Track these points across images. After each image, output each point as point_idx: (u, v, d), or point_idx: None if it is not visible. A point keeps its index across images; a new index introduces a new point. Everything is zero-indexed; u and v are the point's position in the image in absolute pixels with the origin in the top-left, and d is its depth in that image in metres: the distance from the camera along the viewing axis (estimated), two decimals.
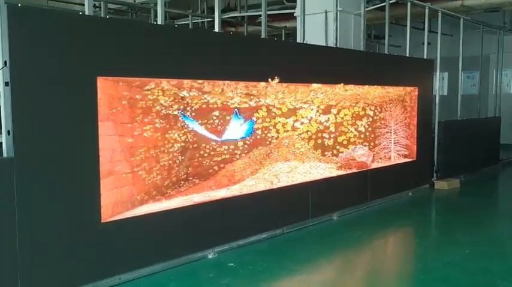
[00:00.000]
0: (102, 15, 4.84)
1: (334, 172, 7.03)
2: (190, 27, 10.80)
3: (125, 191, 4.57)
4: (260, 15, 11.10)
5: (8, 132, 3.85)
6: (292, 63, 6.21)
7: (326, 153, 6.90)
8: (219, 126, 5.40)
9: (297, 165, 6.43)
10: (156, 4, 12.70)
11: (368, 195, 7.71)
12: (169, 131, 4.94)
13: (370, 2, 10.15)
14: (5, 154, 3.91)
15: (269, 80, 5.82)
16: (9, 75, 3.79)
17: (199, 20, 12.10)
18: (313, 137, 6.67)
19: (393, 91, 8.08)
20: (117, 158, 4.47)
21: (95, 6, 12.15)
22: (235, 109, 5.62)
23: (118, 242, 4.54)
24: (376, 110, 7.79)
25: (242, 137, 5.71)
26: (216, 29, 5.59)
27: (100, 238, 4.39)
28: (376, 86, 7.68)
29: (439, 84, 14.56)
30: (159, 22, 5.02)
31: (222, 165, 5.46)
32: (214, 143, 5.36)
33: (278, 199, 6.14)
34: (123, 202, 4.55)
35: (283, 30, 12.58)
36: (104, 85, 4.31)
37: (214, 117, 5.35)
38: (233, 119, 5.60)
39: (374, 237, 6.50)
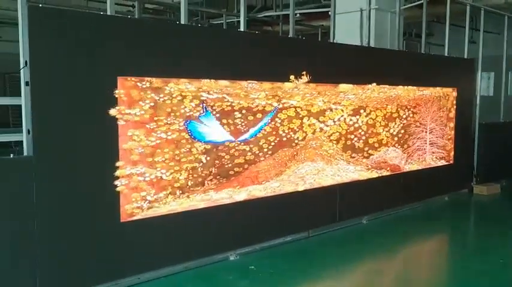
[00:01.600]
0: (137, 16, 4.84)
1: (364, 175, 6.83)
2: (224, 27, 10.77)
3: (146, 190, 4.55)
4: (295, 14, 10.99)
5: (28, 132, 3.91)
6: (321, 63, 6.06)
7: (356, 155, 6.70)
8: (241, 127, 5.31)
9: (325, 167, 6.27)
10: (193, 3, 12.78)
11: (400, 199, 7.46)
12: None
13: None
14: (25, 153, 3.97)
15: (295, 80, 5.69)
16: (30, 75, 3.84)
17: (235, 19, 12.05)
18: (342, 138, 6.49)
19: (430, 92, 7.79)
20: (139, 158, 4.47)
21: (131, 5, 12.33)
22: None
23: (137, 241, 4.54)
24: (410, 111, 7.52)
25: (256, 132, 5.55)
26: (242, 28, 5.52)
27: (119, 238, 4.40)
28: (411, 87, 7.41)
29: (485, 84, 14.07)
30: (182, 21, 4.98)
31: (246, 166, 5.37)
32: (235, 144, 5.27)
33: (304, 201, 6.02)
34: (143, 201, 4.53)
35: (319, 29, 12.38)
36: (124, 85, 4.32)
37: (237, 119, 5.26)
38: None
39: (404, 243, 6.28)
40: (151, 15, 13.54)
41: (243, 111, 5.30)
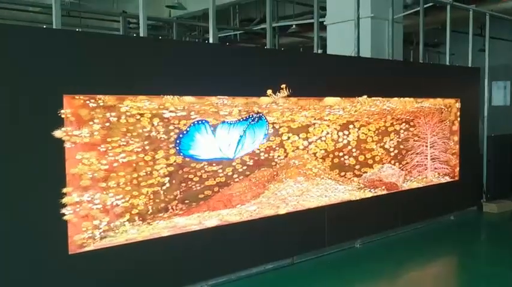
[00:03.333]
0: (141, 33, 4.52)
1: (356, 195, 6.33)
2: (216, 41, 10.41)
3: (98, 218, 4.16)
4: (291, 25, 10.62)
5: None
6: (303, 75, 5.64)
7: (345, 173, 6.22)
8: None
9: (309, 187, 5.80)
10: (196, 18, 12.51)
11: (399, 220, 6.93)
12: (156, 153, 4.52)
13: (408, 7, 9.34)
14: None
15: (272, 94, 5.28)
16: None
17: (232, 33, 11.78)
18: (330, 156, 6.02)
19: (430, 103, 7.27)
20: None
21: (130, 22, 12.10)
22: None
23: (90, 275, 4.14)
24: (408, 125, 7.02)
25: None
26: (211, 40, 5.13)
27: (67, 272, 4.01)
28: (408, 99, 6.92)
29: (501, 94, 13.44)
30: (141, 34, 4.62)
31: (216, 189, 4.95)
32: (205, 164, 4.87)
33: (286, 225, 5.56)
34: (95, 230, 4.14)
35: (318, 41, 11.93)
36: (72, 104, 3.97)
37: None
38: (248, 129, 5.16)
39: (401, 269, 5.75)
40: (150, 31, 13.31)
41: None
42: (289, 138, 5.58)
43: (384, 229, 6.76)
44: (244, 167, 5.19)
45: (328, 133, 5.98)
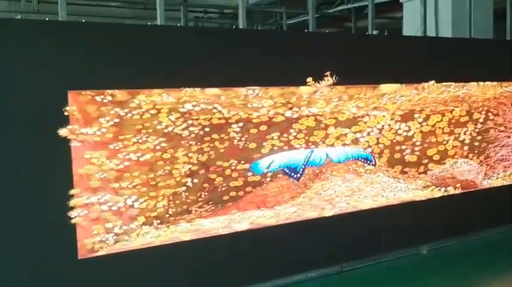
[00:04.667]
0: (158, 21, 4.29)
1: (421, 194, 5.53)
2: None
3: (111, 221, 3.91)
4: (366, 6, 9.72)
5: None
6: (352, 60, 4.96)
7: (409, 170, 5.45)
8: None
9: (362, 187, 5.14)
10: (272, 4, 11.98)
11: (478, 222, 5.99)
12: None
13: None
14: None
15: (313, 83, 4.69)
16: None
17: (300, 19, 11.07)
18: (388, 150, 5.29)
19: None
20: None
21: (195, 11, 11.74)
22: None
23: (102, 281, 3.92)
24: (490, 113, 6.01)
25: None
26: (240, 25, 4.65)
27: (77, 277, 3.81)
28: (490, 83, 5.92)
29: None
30: (158, 22, 4.26)
31: (248, 189, 4.50)
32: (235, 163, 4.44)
33: (333, 228, 4.97)
34: (108, 233, 3.90)
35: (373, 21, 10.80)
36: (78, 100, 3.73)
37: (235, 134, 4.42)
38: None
39: (479, 280, 4.91)
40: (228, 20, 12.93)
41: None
42: (337, 130, 4.95)
43: (458, 232, 5.87)
44: None
45: (384, 125, 5.25)
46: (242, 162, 4.47)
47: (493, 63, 5.94)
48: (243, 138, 4.46)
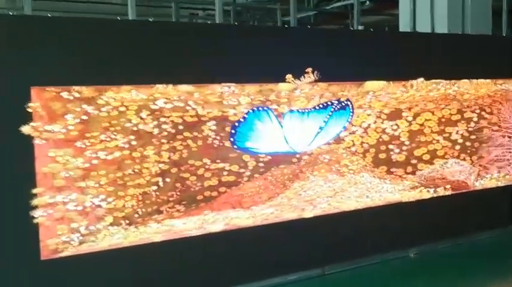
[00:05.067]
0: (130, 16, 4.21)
1: (410, 195, 5.35)
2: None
3: (76, 221, 3.81)
4: (365, 2, 9.53)
5: None
6: (336, 57, 4.80)
7: (395, 171, 5.27)
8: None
9: (345, 187, 4.98)
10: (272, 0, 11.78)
11: (468, 225, 5.79)
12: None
13: None
14: None
15: (294, 79, 4.54)
16: None
17: (305, 14, 10.89)
18: (373, 150, 5.12)
19: None
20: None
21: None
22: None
23: (67, 283, 3.81)
24: (483, 112, 5.81)
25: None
26: (217, 20, 4.51)
27: (40, 279, 3.71)
28: (483, 80, 5.72)
29: None
30: (130, 17, 4.14)
31: (223, 189, 4.37)
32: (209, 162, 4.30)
33: (314, 230, 4.82)
34: (73, 233, 3.80)
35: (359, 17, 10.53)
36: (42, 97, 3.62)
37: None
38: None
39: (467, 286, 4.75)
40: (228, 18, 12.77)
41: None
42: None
43: (448, 235, 5.68)
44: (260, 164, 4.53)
45: (370, 124, 5.08)
46: (217, 161, 4.34)
47: (486, 60, 5.74)
48: (218, 137, 4.32)
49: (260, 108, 4.48)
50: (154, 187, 4.09)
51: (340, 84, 4.82)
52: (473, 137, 5.76)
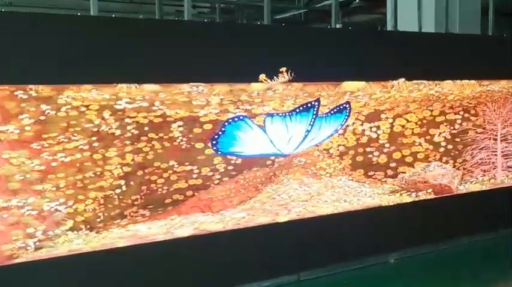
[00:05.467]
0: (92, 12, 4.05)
1: (390, 199, 5.19)
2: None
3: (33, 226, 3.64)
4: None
5: None
6: (312, 56, 4.64)
7: (374, 174, 5.11)
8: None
9: (322, 191, 4.81)
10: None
11: (451, 230, 5.62)
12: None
13: None
14: None
15: (267, 79, 4.38)
16: None
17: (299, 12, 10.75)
18: (351, 152, 4.96)
19: (501, 86, 5.80)
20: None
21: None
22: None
23: None
24: (467, 114, 5.64)
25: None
26: (185, 17, 4.34)
27: None
28: (468, 81, 5.55)
29: None
30: (92, 12, 3.97)
31: (191, 192, 4.21)
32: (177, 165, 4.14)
33: (289, 235, 4.65)
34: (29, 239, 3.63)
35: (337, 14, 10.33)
36: None
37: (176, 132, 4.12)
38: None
39: None
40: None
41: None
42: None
43: (430, 240, 5.52)
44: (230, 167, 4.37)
45: (348, 125, 4.92)
46: (185, 163, 4.17)
47: (471, 60, 5.56)
48: (185, 138, 4.15)
49: (236, 119, 4.32)
50: (118, 190, 3.92)
51: (316, 84, 4.66)
52: (456, 139, 5.59)
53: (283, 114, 4.54)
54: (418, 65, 5.17)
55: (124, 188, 3.94)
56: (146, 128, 3.99)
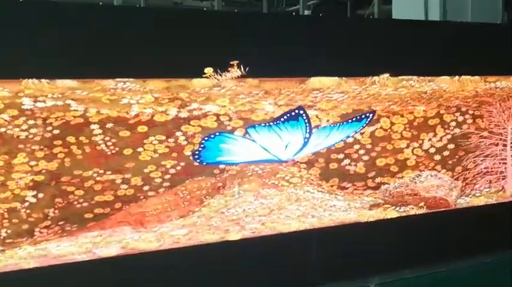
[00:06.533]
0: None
1: (370, 214, 4.47)
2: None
3: None
4: None
5: None
6: (271, 47, 3.98)
7: (351, 185, 4.39)
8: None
9: (284, 204, 4.15)
10: None
11: (446, 251, 4.82)
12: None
13: None
14: None
15: (213, 74, 3.75)
16: None
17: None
18: (322, 160, 4.26)
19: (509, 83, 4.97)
20: None
21: None
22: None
23: None
24: (468, 115, 4.84)
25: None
26: (115, 2, 3.75)
27: None
28: (469, 77, 4.75)
29: None
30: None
31: (119, 205, 3.63)
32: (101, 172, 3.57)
33: (241, 256, 4.02)
34: None
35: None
36: None
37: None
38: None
39: None
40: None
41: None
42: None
43: (421, 263, 4.75)
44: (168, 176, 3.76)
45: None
46: (109, 172, 3.59)
47: (474, 52, 4.74)
48: (110, 143, 3.57)
49: (213, 136, 3.83)
50: (25, 203, 3.38)
51: (275, 80, 3.99)
52: (455, 145, 4.79)
53: (267, 124, 3.97)
54: (406, 59, 4.41)
55: (33, 200, 3.39)
56: (60, 131, 3.43)
